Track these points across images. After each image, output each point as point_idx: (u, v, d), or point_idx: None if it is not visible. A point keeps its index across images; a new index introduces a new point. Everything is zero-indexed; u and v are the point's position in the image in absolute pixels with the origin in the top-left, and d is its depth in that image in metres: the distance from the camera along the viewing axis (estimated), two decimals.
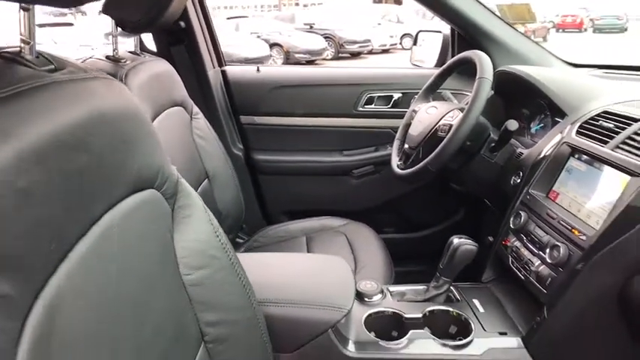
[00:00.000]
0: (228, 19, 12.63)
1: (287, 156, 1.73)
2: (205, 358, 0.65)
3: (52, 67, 0.46)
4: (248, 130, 1.72)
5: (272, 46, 12.01)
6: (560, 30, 23.03)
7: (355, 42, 14.02)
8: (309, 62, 12.21)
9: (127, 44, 1.27)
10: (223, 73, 1.69)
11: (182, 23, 1.49)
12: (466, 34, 1.55)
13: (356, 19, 15.36)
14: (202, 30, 1.60)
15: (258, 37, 11.87)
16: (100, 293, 0.43)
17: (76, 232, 0.42)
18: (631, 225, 0.78)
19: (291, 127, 1.71)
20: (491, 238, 1.19)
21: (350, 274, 0.95)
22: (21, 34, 0.44)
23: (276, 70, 2.06)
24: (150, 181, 0.58)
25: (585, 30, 23.01)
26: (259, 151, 1.74)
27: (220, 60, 1.72)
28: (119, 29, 1.11)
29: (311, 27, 14.28)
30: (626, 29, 21.86)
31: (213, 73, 1.65)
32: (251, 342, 0.72)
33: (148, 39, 1.58)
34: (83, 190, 0.43)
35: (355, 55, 14.24)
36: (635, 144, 0.87)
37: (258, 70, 1.72)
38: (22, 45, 0.44)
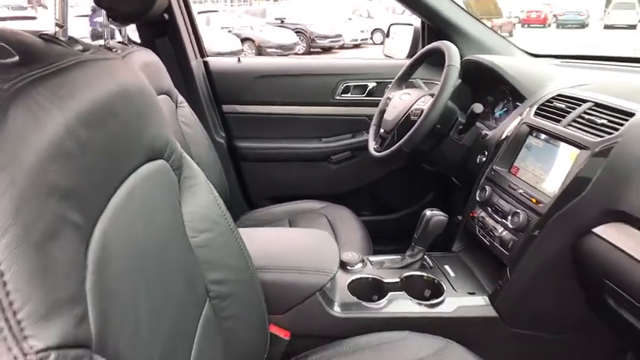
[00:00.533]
0: (198, 13, 12.53)
1: (268, 143, 1.81)
2: (210, 312, 0.72)
3: (81, 47, 0.53)
4: (230, 119, 1.79)
5: (243, 40, 11.96)
6: (526, 25, 23.64)
7: (327, 37, 14.08)
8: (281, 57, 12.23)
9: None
10: (205, 63, 1.75)
11: (166, 15, 1.54)
12: (435, 27, 1.66)
13: (327, 14, 15.43)
14: (185, 22, 1.66)
15: (229, 31, 11.80)
16: (132, 240, 0.51)
17: (113, 184, 0.49)
18: (579, 192, 0.89)
19: (271, 116, 1.79)
20: (460, 217, 1.29)
21: (334, 244, 1.04)
22: (56, 19, 0.51)
23: (256, 60, 2.12)
24: (160, 151, 0.65)
25: (549, 25, 23.67)
26: (241, 138, 1.80)
27: (202, 51, 1.78)
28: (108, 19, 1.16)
29: (282, 22, 14.27)
30: (587, 25, 22.60)
31: (195, 63, 1.71)
32: (249, 301, 0.81)
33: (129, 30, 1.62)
34: (115, 151, 0.50)
35: (327, 49, 14.30)
36: (584, 121, 0.98)
37: (239, 60, 1.79)
38: (57, 29, 0.51)
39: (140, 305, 0.48)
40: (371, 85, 1.80)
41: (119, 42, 1.29)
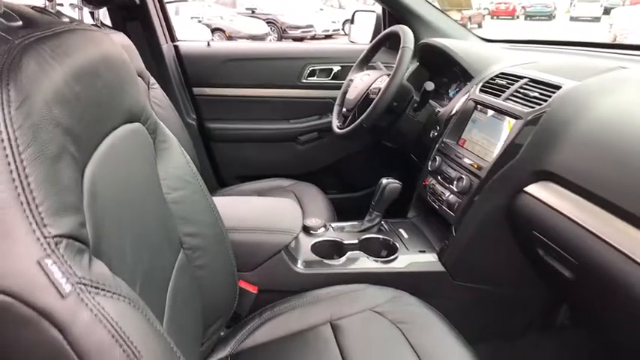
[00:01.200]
0: (167, 3, 12.33)
1: (237, 124, 1.88)
2: (184, 260, 0.81)
3: (68, 19, 0.61)
4: (200, 101, 1.86)
5: (214, 30, 11.85)
6: (495, 17, 24.11)
7: (298, 27, 14.07)
8: None
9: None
10: (176, 47, 1.81)
11: (137, 0, 1.59)
12: (395, 13, 1.76)
13: (298, 5, 15.40)
14: (155, 7, 1.71)
15: (199, 21, 11.67)
16: (115, 186, 0.59)
17: (97, 137, 0.57)
18: (513, 156, 1.01)
19: (240, 98, 1.86)
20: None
21: (298, 209, 1.14)
22: None
23: (225, 44, 2.18)
24: (137, 115, 0.73)
25: (518, 17, 24.20)
26: (211, 120, 1.88)
27: (172, 35, 1.83)
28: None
29: (253, 12, 14.17)
30: (554, 17, 23.20)
31: (166, 47, 1.76)
32: (219, 254, 0.89)
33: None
34: (99, 108, 0.58)
35: (298, 40, 14.29)
36: (520, 95, 1.10)
37: (208, 44, 1.86)
38: (47, 2, 0.58)
39: (124, 236, 0.56)
40: (336, 68, 1.90)
41: (92, 24, 1.34)
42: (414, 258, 1.15)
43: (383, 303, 0.99)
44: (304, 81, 1.88)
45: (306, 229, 1.21)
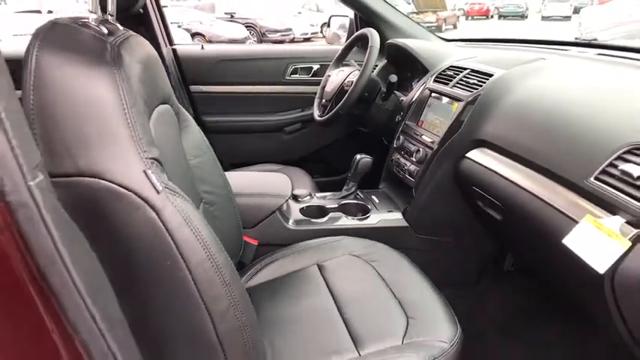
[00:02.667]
0: None
1: (230, 117, 2.13)
2: (204, 210, 1.06)
3: (122, 28, 0.85)
4: (197, 97, 2.09)
5: (193, 35, 11.99)
6: (469, 17, 24.67)
7: (277, 31, 14.28)
8: None
9: None
10: (174, 50, 2.05)
11: (141, 10, 1.83)
12: (365, 17, 2.02)
13: (276, 9, 15.62)
14: (155, 15, 1.95)
15: (179, 26, 11.79)
16: (162, 143, 0.84)
17: (150, 108, 0.82)
18: (456, 130, 1.29)
19: (232, 94, 2.11)
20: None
21: (288, 179, 1.40)
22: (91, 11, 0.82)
23: (217, 47, 2.41)
24: (167, 98, 0.98)
25: (492, 17, 24.78)
26: (207, 114, 2.12)
27: (171, 40, 2.07)
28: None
29: (232, 16, 14.34)
30: (526, 16, 23.84)
31: (166, 50, 2.00)
32: (228, 210, 1.15)
33: None
34: (151, 89, 0.83)
35: (277, 43, 14.53)
36: (463, 82, 1.38)
37: (202, 47, 2.10)
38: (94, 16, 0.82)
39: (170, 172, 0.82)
40: (315, 66, 2.16)
41: None
42: (384, 216, 1.42)
43: (359, 249, 1.25)
44: (288, 78, 2.13)
45: (295, 197, 1.46)
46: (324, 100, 1.80)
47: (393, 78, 1.63)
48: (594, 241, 0.79)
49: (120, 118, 0.60)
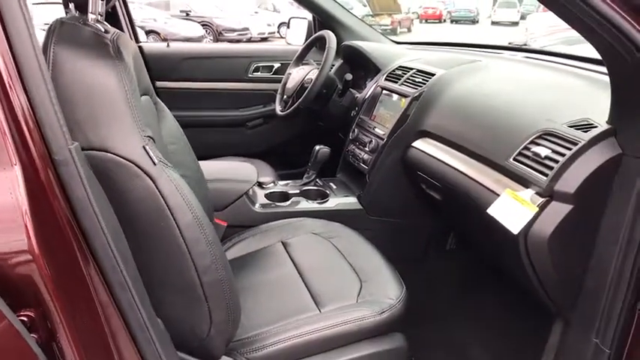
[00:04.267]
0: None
1: (194, 112, 2.22)
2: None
3: (112, 28, 0.96)
4: (162, 93, 2.18)
5: (148, 33, 11.81)
6: (423, 21, 25.39)
7: (234, 30, 14.23)
8: None
9: None
10: (140, 47, 2.13)
11: (109, 9, 1.90)
12: (323, 20, 2.18)
13: (233, 8, 15.57)
14: (123, 13, 2.02)
15: None
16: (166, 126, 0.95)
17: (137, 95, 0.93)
18: (404, 123, 1.47)
19: (196, 90, 2.21)
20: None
21: (253, 167, 1.53)
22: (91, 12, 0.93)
23: (182, 45, 2.51)
24: (148, 90, 1.09)
25: (445, 21, 25.60)
26: (172, 109, 2.18)
27: (137, 37, 2.15)
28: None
29: (187, 14, 14.19)
30: (477, 21, 24.77)
31: None
32: (201, 193, 1.26)
33: None
34: (137, 81, 0.94)
35: (234, 42, 14.50)
36: (410, 81, 1.55)
37: (168, 45, 2.19)
38: (93, 17, 0.93)
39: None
40: (276, 65, 2.29)
41: None
42: (341, 200, 1.58)
43: (318, 228, 1.40)
44: (250, 75, 2.26)
45: (260, 184, 1.60)
46: (285, 96, 1.94)
47: (349, 76, 1.80)
48: (511, 209, 0.98)
49: (123, 101, 0.72)
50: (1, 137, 0.48)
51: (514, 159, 1.03)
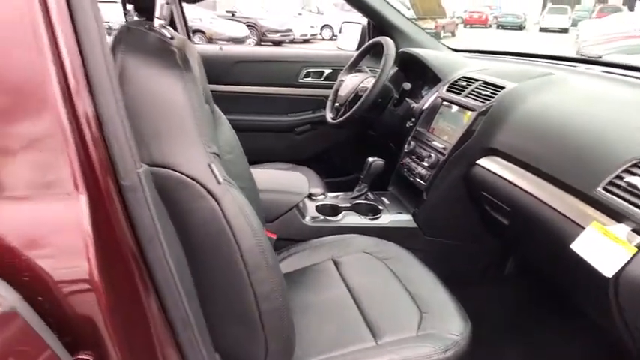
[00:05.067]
0: None
1: (244, 116, 2.19)
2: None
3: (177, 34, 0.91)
4: (214, 96, 2.15)
5: (194, 32, 12.01)
6: (468, 25, 24.88)
7: (277, 31, 14.36)
8: None
9: None
10: None
11: None
12: (378, 25, 2.10)
13: (277, 9, 15.70)
14: (179, 17, 2.01)
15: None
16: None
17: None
18: (468, 138, 1.36)
19: (247, 94, 2.17)
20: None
21: (304, 178, 1.47)
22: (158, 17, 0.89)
23: (235, 48, 2.48)
24: (208, 97, 1.04)
25: (490, 26, 25.01)
26: (222, 112, 2.17)
27: (190, 40, 2.13)
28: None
29: (233, 15, 14.40)
30: (524, 27, 24.07)
31: None
32: (254, 200, 1.21)
33: None
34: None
35: (277, 43, 14.58)
36: (475, 93, 1.45)
37: (221, 49, 2.16)
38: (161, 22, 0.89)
39: None
40: (327, 71, 2.23)
41: None
42: (394, 217, 1.49)
43: (371, 246, 1.32)
44: (300, 80, 2.20)
45: (310, 196, 1.53)
46: (337, 104, 1.87)
47: (407, 85, 1.71)
48: (601, 246, 0.87)
49: (189, 115, 0.66)
50: (67, 158, 0.43)
51: (603, 189, 0.91)
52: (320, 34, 16.88)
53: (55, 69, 0.42)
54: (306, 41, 15.86)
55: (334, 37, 17.38)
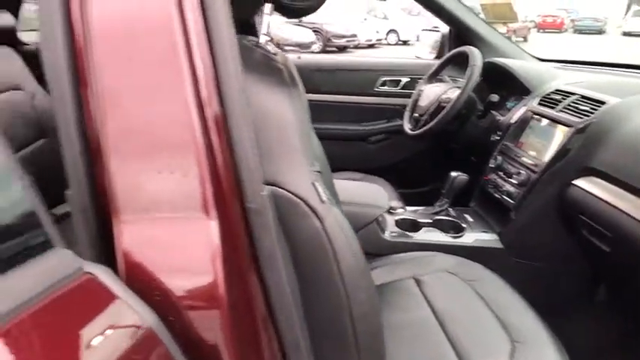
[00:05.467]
0: None
1: (319, 124, 2.18)
2: None
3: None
4: None
5: None
6: (541, 30, 23.73)
7: (343, 36, 14.43)
8: None
9: None
10: None
11: None
12: (461, 34, 2.03)
13: (343, 14, 15.76)
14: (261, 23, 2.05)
15: None
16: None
17: None
18: (564, 156, 1.28)
19: (324, 102, 2.17)
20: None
21: (385, 192, 1.43)
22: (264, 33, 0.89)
23: (312, 57, 2.50)
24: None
25: (566, 30, 23.69)
26: None
27: None
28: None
29: (300, 20, 14.61)
30: (604, 31, 22.61)
31: None
32: None
33: None
34: None
35: (342, 49, 14.65)
36: (571, 108, 1.36)
37: (299, 57, 2.18)
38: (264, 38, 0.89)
39: None
40: (404, 80, 2.18)
41: None
42: (478, 236, 1.43)
43: (454, 266, 1.27)
44: (376, 89, 2.17)
45: (389, 210, 1.49)
46: (416, 114, 1.82)
47: (494, 98, 1.64)
48: None
49: (296, 133, 0.66)
50: (200, 182, 0.43)
51: None
52: (385, 38, 16.76)
53: (194, 101, 0.43)
54: (370, 46, 15.82)
55: (399, 42, 17.22)
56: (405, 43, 16.71)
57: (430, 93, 1.78)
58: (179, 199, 0.43)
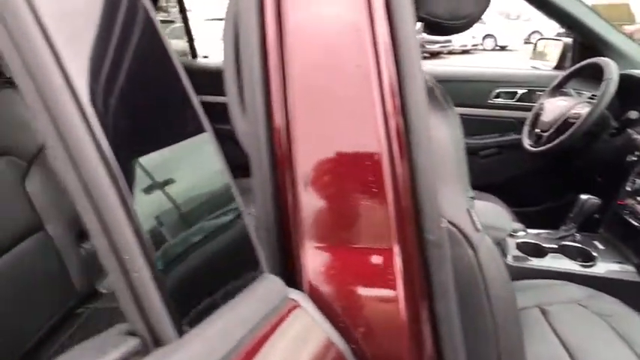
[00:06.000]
0: None
1: None
2: None
3: None
4: None
5: None
6: None
7: (436, 42, 14.11)
8: None
9: None
10: None
11: None
12: (589, 44, 1.87)
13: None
14: None
15: None
16: None
17: None
18: None
19: None
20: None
21: (506, 213, 1.36)
22: None
23: (427, 68, 2.46)
24: None
25: None
26: None
27: None
28: None
29: None
30: None
31: None
32: None
33: None
34: None
35: (435, 54, 14.34)
36: None
37: None
38: None
39: None
40: (520, 91, 2.06)
41: None
42: (612, 267, 1.30)
43: (585, 298, 1.17)
44: (490, 102, 2.08)
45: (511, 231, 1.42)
46: (538, 130, 1.72)
47: (634, 115, 1.49)
48: None
49: (452, 158, 0.64)
50: (385, 214, 0.43)
51: None
52: (481, 44, 16.11)
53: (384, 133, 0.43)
54: (465, 52, 15.31)
55: (497, 48, 16.46)
56: (502, 48, 15.97)
57: (554, 107, 1.67)
58: (365, 228, 0.43)
